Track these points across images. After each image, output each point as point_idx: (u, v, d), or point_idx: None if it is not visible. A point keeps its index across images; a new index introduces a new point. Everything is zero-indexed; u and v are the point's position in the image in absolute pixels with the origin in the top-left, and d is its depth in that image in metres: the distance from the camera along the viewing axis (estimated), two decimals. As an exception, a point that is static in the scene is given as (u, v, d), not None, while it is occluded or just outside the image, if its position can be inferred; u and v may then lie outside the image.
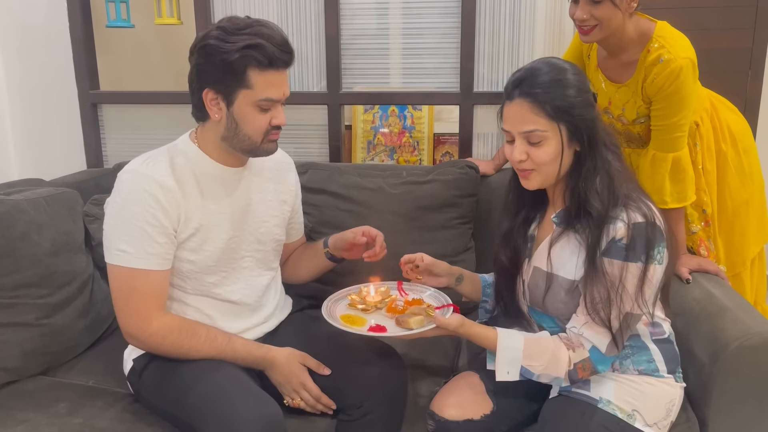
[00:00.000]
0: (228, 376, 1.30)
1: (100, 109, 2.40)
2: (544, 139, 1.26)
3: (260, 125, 1.35)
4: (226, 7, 2.26)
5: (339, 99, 2.26)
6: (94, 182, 2.12)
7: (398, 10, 2.21)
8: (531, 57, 2.19)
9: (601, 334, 1.25)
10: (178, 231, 1.36)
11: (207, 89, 1.33)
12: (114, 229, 1.34)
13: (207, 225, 1.39)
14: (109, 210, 1.37)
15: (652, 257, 1.23)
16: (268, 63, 1.30)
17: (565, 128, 1.26)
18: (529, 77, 1.27)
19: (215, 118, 1.35)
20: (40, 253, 1.59)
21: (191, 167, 1.40)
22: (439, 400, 1.41)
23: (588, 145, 1.26)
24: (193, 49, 1.34)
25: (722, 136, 1.80)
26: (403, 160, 3.09)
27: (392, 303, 1.46)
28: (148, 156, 1.39)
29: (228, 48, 1.28)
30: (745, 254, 1.84)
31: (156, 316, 1.34)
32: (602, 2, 1.56)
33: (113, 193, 1.37)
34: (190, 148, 1.42)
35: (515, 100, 1.27)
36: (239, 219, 1.45)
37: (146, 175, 1.33)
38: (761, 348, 1.31)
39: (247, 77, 1.30)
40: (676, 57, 1.58)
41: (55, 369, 1.62)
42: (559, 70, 1.27)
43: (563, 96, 1.24)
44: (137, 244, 1.32)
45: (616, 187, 1.26)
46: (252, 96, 1.32)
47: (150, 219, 1.32)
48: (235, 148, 1.39)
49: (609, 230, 1.24)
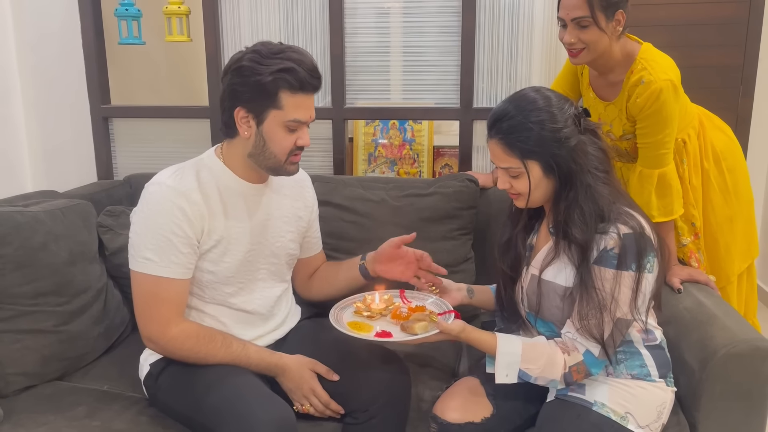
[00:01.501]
0: (244, 381, 1.36)
1: (110, 123, 2.46)
2: (520, 173, 1.35)
3: (286, 144, 1.41)
4: (234, 25, 2.34)
5: (343, 114, 2.33)
6: (105, 194, 2.17)
7: (399, 28, 2.29)
8: (529, 73, 2.26)
9: (594, 338, 1.31)
10: (201, 242, 1.42)
11: (239, 107, 1.39)
12: (140, 238, 1.40)
13: (228, 238, 1.46)
14: (135, 219, 1.43)
15: (643, 266, 1.30)
16: (300, 86, 1.37)
17: (537, 164, 1.33)
18: (498, 120, 1.35)
19: (244, 135, 1.41)
20: (58, 263, 1.65)
21: (216, 182, 1.46)
22: (441, 404, 1.47)
23: (566, 175, 1.33)
24: (228, 69, 1.41)
25: (705, 154, 1.86)
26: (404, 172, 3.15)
27: (396, 310, 1.53)
28: (175, 169, 1.45)
29: (262, 70, 1.35)
30: (729, 270, 1.89)
31: (176, 322, 1.40)
32: (589, 27, 1.63)
33: (140, 203, 1.43)
34: (215, 164, 1.48)
35: (491, 140, 1.37)
36: (258, 233, 1.51)
37: (174, 188, 1.39)
38: (748, 355, 1.37)
39: (279, 98, 1.37)
40: (656, 79, 1.65)
41: (71, 374, 1.68)
42: (528, 112, 1.32)
43: (528, 138, 1.31)
44: (162, 254, 1.38)
45: (601, 210, 1.32)
46: (282, 116, 1.38)
47: (176, 230, 1.38)
48: (260, 165, 1.45)
49: (599, 242, 1.31)
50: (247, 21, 2.34)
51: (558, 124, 1.32)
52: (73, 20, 2.33)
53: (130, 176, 2.33)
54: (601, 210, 1.32)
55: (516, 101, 1.36)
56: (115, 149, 2.49)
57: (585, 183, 1.33)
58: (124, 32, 2.32)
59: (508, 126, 1.33)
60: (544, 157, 1.32)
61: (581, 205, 1.32)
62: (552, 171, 1.33)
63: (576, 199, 1.33)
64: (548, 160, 1.32)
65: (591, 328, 1.30)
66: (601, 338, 1.30)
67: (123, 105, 2.48)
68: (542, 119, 1.32)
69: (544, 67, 2.25)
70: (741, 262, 1.91)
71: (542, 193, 1.37)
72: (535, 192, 1.36)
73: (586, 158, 1.33)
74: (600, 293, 1.29)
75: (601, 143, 1.38)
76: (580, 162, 1.33)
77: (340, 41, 2.27)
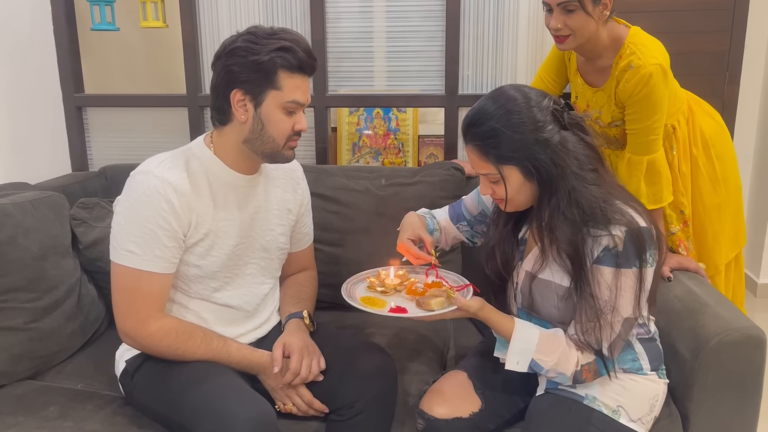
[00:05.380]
0: (223, 379, 1.31)
1: (85, 113, 2.39)
2: (498, 179, 1.29)
3: (285, 128, 1.36)
4: (212, 10, 2.27)
5: (325, 102, 2.27)
6: (79, 186, 2.11)
7: (383, 13, 2.23)
8: (515, 58, 2.22)
9: (603, 339, 1.26)
10: (187, 236, 1.37)
11: (236, 89, 1.33)
12: (123, 228, 1.34)
13: (216, 231, 1.40)
14: (119, 209, 1.36)
15: (645, 261, 1.24)
16: (298, 66, 1.33)
17: (515, 169, 1.26)
18: (473, 125, 1.29)
19: (241, 119, 1.36)
20: (28, 257, 1.59)
21: (205, 172, 1.40)
22: (428, 399, 1.42)
23: (546, 179, 1.25)
24: (220, 53, 1.35)
25: (694, 140, 1.84)
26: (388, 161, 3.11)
27: (412, 285, 1.46)
28: (163, 158, 1.39)
29: (260, 50, 1.30)
30: (717, 258, 1.87)
31: (155, 317, 1.35)
32: (575, 12, 1.60)
33: (125, 192, 1.36)
34: (205, 153, 1.42)
35: (468, 146, 1.31)
36: (247, 226, 1.46)
37: (162, 178, 1.33)
38: (740, 343, 1.35)
39: (278, 78, 1.32)
40: (645, 63, 1.62)
41: (43, 373, 1.62)
42: (504, 114, 1.24)
43: (503, 144, 1.24)
44: (145, 246, 1.32)
45: (588, 214, 1.24)
46: (281, 97, 1.33)
47: (161, 222, 1.32)
48: (256, 151, 1.39)
49: (595, 243, 1.24)
50: (225, 5, 2.27)
51: (538, 124, 1.24)
52: (44, 6, 2.25)
53: (105, 167, 2.26)
54: (589, 214, 1.24)
55: (492, 100, 1.28)
56: (90, 139, 2.42)
57: (568, 187, 1.25)
58: (97, 18, 2.25)
59: (482, 132, 1.26)
60: (522, 162, 1.25)
61: (564, 213, 1.25)
62: (532, 175, 1.26)
63: (558, 206, 1.26)
64: (526, 164, 1.25)
65: (597, 331, 1.25)
66: (608, 341, 1.26)
67: (97, 94, 2.41)
68: (519, 122, 1.23)
69: (530, 52, 2.21)
70: (729, 251, 1.90)
71: (526, 197, 1.31)
72: (518, 197, 1.30)
73: (568, 157, 1.24)
74: (602, 296, 1.24)
75: (588, 138, 1.29)
76: (561, 164, 1.24)
77: (322, 26, 2.21)
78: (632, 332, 1.36)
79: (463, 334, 1.86)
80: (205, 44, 2.29)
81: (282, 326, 1.52)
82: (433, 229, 1.59)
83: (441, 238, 1.61)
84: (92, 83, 2.42)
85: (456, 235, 1.62)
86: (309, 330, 1.50)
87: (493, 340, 1.38)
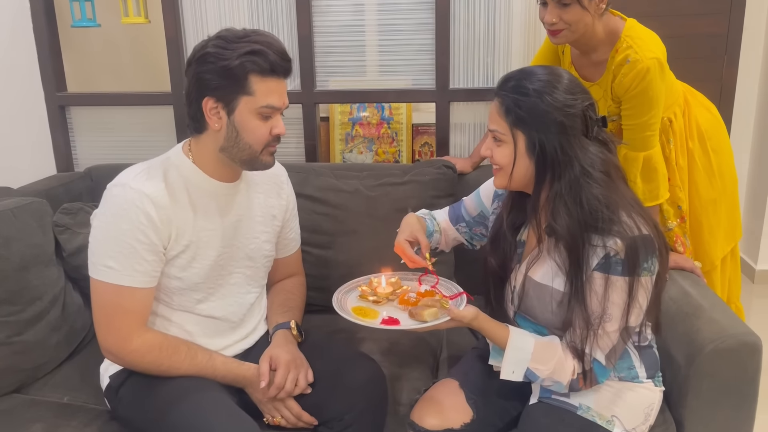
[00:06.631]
0: (208, 397, 1.28)
1: (68, 112, 2.34)
2: (503, 141, 1.27)
3: (261, 134, 1.32)
4: (195, 5, 2.20)
5: (313, 98, 2.22)
6: (64, 188, 2.06)
7: (373, 5, 2.17)
8: (507, 53, 2.16)
9: (600, 348, 1.24)
10: (167, 248, 1.33)
11: (207, 97, 1.29)
12: (101, 244, 1.30)
13: (197, 242, 1.37)
14: (96, 223, 1.33)
15: (645, 269, 1.21)
16: (270, 69, 1.28)
17: (522, 137, 1.24)
18: (513, 78, 1.26)
19: (215, 127, 1.31)
20: (9, 269, 1.55)
21: (184, 182, 1.36)
22: (419, 410, 1.40)
23: (548, 161, 1.23)
24: (192, 59, 1.31)
25: (690, 133, 1.80)
26: (382, 151, 3.06)
27: (404, 295, 1.43)
28: (141, 169, 1.35)
29: (229, 55, 1.26)
30: (713, 253, 1.85)
31: (137, 333, 1.32)
32: (570, 5, 1.55)
33: (102, 205, 1.33)
34: (183, 162, 1.38)
35: (496, 97, 1.28)
36: (230, 235, 1.42)
37: (139, 190, 1.29)
38: (736, 350, 1.32)
39: (249, 83, 1.28)
40: (642, 57, 1.57)
41: (28, 386, 1.59)
42: (544, 82, 1.22)
43: (525, 105, 1.22)
44: (125, 261, 1.29)
45: (589, 213, 1.21)
46: (253, 103, 1.29)
47: (140, 236, 1.28)
48: (233, 159, 1.35)
49: (596, 249, 1.21)
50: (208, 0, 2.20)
51: (567, 110, 1.21)
52: (22, 3, 2.19)
53: (90, 168, 2.21)
54: (588, 215, 1.21)
55: (544, 68, 1.27)
56: (74, 139, 2.37)
57: (572, 177, 1.22)
58: (77, 14, 2.19)
59: (515, 86, 1.24)
60: (531, 132, 1.23)
61: (565, 201, 1.22)
62: (533, 150, 1.23)
63: (560, 191, 1.23)
64: (534, 135, 1.22)
65: (594, 339, 1.23)
66: (605, 349, 1.24)
67: (80, 92, 2.35)
68: (553, 97, 1.21)
69: (524, 44, 2.15)
70: (724, 245, 1.87)
71: (521, 173, 1.27)
72: (515, 170, 1.26)
73: (582, 153, 1.22)
74: (599, 304, 1.21)
75: (612, 157, 1.26)
76: (570, 154, 1.22)
77: (308, 21, 2.15)
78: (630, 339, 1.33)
79: (457, 333, 1.81)
80: (190, 40, 2.23)
81: (269, 337, 1.50)
82: (433, 230, 1.57)
83: (441, 240, 1.59)
84: (76, 81, 2.37)
85: (455, 237, 1.60)
86: (297, 341, 1.48)
87: (486, 345, 1.35)
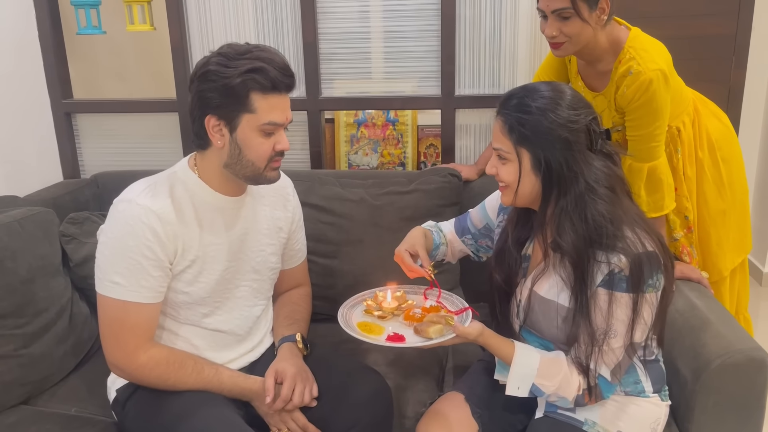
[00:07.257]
0: (213, 411, 1.29)
1: (74, 119, 2.34)
2: (507, 159, 1.27)
3: (264, 150, 1.32)
4: (200, 12, 2.20)
5: (318, 105, 2.22)
6: (70, 196, 2.07)
7: (378, 12, 2.16)
8: (513, 60, 2.15)
9: (606, 364, 1.24)
10: (174, 264, 1.34)
11: (209, 115, 1.29)
12: (108, 260, 1.31)
13: (203, 257, 1.37)
14: (103, 239, 1.33)
15: (651, 285, 1.21)
16: (271, 86, 1.28)
17: (527, 155, 1.24)
18: (515, 96, 1.26)
19: (218, 145, 1.32)
20: (16, 281, 1.56)
21: (190, 197, 1.37)
22: (424, 424, 1.40)
23: (554, 178, 1.23)
24: (194, 76, 1.31)
25: (699, 143, 1.78)
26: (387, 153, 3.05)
27: (410, 310, 1.43)
28: (147, 185, 1.35)
29: (230, 73, 1.26)
30: (721, 265, 1.83)
31: (144, 348, 1.32)
32: (570, 18, 1.53)
33: (108, 221, 1.33)
34: (189, 177, 1.38)
35: (499, 115, 1.28)
36: (236, 249, 1.43)
37: (145, 206, 1.30)
38: (743, 366, 1.31)
39: (250, 101, 1.27)
40: (645, 69, 1.56)
41: (36, 397, 1.60)
42: (548, 99, 1.22)
43: (529, 124, 1.22)
44: (131, 277, 1.29)
45: (594, 228, 1.21)
46: (255, 120, 1.29)
47: (146, 252, 1.29)
48: (237, 175, 1.36)
49: (601, 265, 1.22)
50: (215, 7, 2.19)
51: (570, 125, 1.21)
52: (28, 10, 2.19)
53: (97, 175, 2.21)
54: (594, 231, 1.21)
55: (547, 84, 1.27)
56: (80, 146, 2.37)
57: (577, 192, 1.22)
58: (83, 21, 2.18)
59: (518, 104, 1.24)
60: (536, 150, 1.22)
61: (571, 217, 1.22)
62: (539, 167, 1.23)
63: (566, 207, 1.23)
64: (539, 153, 1.22)
65: (599, 355, 1.23)
66: (610, 365, 1.24)
67: (86, 99, 2.35)
68: (556, 114, 1.21)
69: (530, 51, 2.13)
70: (734, 257, 1.85)
71: (527, 190, 1.27)
72: (521, 187, 1.26)
73: (587, 169, 1.22)
74: (604, 320, 1.21)
75: (616, 169, 1.27)
76: (575, 170, 1.22)
77: (313, 28, 2.14)
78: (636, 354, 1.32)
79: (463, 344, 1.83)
80: (195, 47, 2.23)
81: (275, 350, 1.50)
82: (439, 243, 1.57)
83: (447, 252, 1.59)
84: (81, 88, 2.37)
85: (461, 249, 1.60)
86: (302, 354, 1.48)
87: (491, 357, 1.35)
